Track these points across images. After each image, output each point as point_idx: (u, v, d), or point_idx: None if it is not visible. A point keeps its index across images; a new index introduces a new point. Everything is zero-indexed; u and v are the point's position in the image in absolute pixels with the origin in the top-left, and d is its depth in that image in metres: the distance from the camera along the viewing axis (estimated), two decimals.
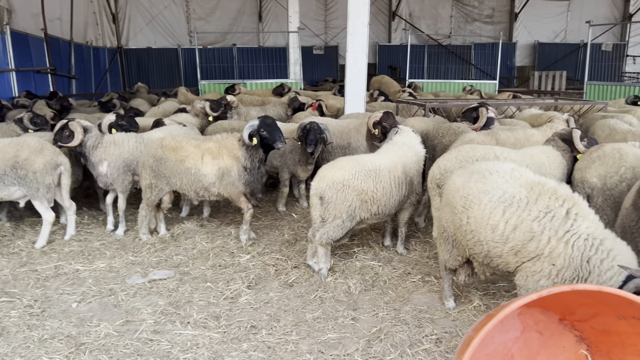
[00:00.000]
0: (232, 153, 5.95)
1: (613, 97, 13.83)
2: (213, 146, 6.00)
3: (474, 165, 4.21)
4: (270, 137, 5.89)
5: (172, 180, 6.07)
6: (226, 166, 5.91)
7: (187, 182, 6.02)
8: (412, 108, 10.10)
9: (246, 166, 5.93)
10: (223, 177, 5.93)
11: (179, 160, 5.97)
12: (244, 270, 5.46)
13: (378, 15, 23.66)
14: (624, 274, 3.20)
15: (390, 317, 4.51)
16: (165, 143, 6.07)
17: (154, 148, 6.09)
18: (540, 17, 24.48)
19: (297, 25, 15.13)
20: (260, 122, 5.92)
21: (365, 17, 8.66)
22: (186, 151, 5.99)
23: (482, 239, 3.81)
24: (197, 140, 6.15)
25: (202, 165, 5.92)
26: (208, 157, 5.94)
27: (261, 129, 5.84)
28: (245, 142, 5.85)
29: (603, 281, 3.28)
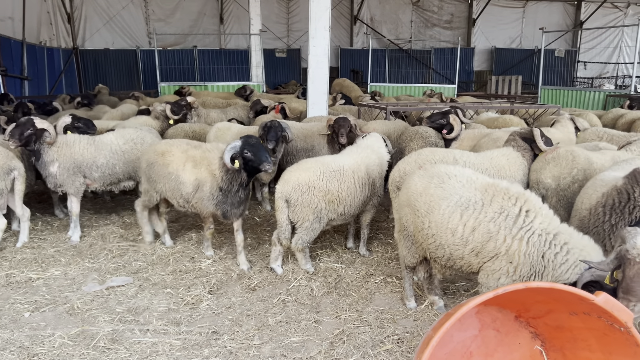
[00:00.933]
0: (210, 167, 5.40)
1: (566, 101, 14.37)
2: (198, 154, 5.55)
3: (433, 169, 4.29)
4: (255, 158, 5.20)
5: (158, 185, 5.73)
6: (202, 179, 5.43)
7: (169, 189, 5.64)
8: (373, 111, 10.21)
9: (222, 187, 5.34)
10: (198, 190, 5.48)
11: (164, 164, 5.64)
12: (205, 275, 5.38)
13: (340, 19, 23.84)
14: (582, 266, 3.29)
15: (352, 318, 4.53)
16: (157, 147, 5.81)
17: (148, 152, 5.87)
18: (496, 23, 25.22)
19: (259, 28, 15.05)
20: (243, 142, 5.23)
21: (327, 20, 8.71)
22: (172, 155, 5.63)
23: (444, 243, 3.90)
24: (188, 146, 5.72)
25: (182, 172, 5.51)
26: (189, 164, 5.51)
27: (244, 150, 5.18)
28: (226, 165, 5.17)
29: (558, 274, 3.38)
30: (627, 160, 5.36)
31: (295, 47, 23.24)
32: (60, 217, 7.30)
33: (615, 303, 2.59)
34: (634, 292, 2.59)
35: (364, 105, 10.55)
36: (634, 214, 4.12)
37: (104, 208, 7.85)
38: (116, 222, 7.11)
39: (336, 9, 22.96)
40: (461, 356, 3.19)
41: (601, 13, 25.09)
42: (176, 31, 20.91)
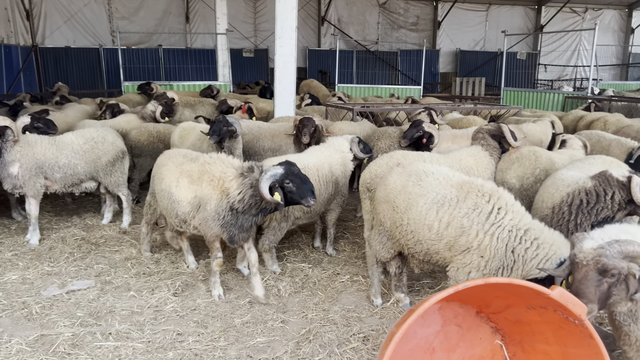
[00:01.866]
0: (216, 182, 4.57)
1: (527, 102, 14.76)
2: (195, 169, 4.76)
3: (411, 167, 4.37)
4: (297, 190, 4.39)
5: (157, 201, 5.17)
6: (204, 196, 4.60)
7: (164, 207, 5.00)
8: (340, 112, 10.26)
9: (236, 208, 4.48)
10: (199, 209, 4.67)
11: (160, 178, 5.02)
12: (170, 277, 5.30)
13: (307, 20, 23.85)
14: (552, 261, 3.41)
15: (319, 317, 4.55)
16: (159, 158, 5.26)
17: (156, 162, 5.34)
18: (461, 26, 25.70)
19: (226, 27, 14.91)
20: (285, 170, 4.40)
21: (293, 21, 8.71)
22: (167, 169, 4.96)
23: (421, 239, 4.00)
24: (184, 159, 4.98)
25: (175, 189, 4.78)
26: (184, 180, 4.76)
27: (285, 180, 4.37)
28: (265, 198, 4.33)
29: (529, 269, 3.49)
30: (581, 160, 5.56)
31: (263, 47, 23.13)
32: (18, 220, 7.07)
33: (570, 297, 2.68)
34: (583, 294, 2.66)
35: (331, 106, 10.59)
36: (601, 215, 4.28)
37: (65, 210, 7.63)
38: (77, 224, 6.93)
39: (303, 10, 22.96)
40: (424, 352, 3.24)
41: (560, 17, 25.88)
42: (140, 30, 20.49)
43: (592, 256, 2.62)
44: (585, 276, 2.64)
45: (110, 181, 6.71)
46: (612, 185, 4.23)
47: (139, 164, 7.85)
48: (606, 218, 4.29)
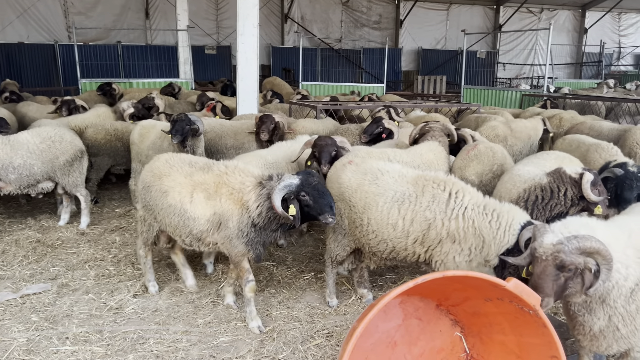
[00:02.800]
0: (236, 195, 4.09)
1: (486, 99, 15.11)
2: (210, 180, 4.22)
3: (365, 164, 4.39)
4: (315, 205, 3.90)
5: (158, 216, 4.51)
6: (225, 212, 4.11)
7: (171, 224, 4.36)
8: (304, 110, 10.26)
9: (257, 223, 4.06)
10: (220, 227, 4.17)
11: (162, 192, 4.36)
12: (130, 279, 5.19)
13: (270, 17, 23.69)
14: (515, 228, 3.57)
15: (283, 315, 4.55)
16: (153, 166, 4.58)
17: (145, 171, 4.70)
18: (422, 24, 26.05)
19: (187, 24, 14.66)
20: (302, 181, 3.93)
21: (255, 18, 8.65)
22: (173, 181, 4.33)
23: (386, 238, 4.04)
24: (192, 168, 4.39)
25: (190, 205, 4.20)
26: (200, 195, 4.20)
27: (302, 193, 3.90)
28: (277, 211, 3.87)
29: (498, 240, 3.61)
30: (536, 155, 5.75)
31: (225, 44, 22.84)
32: None
33: (524, 288, 2.77)
34: (541, 288, 2.73)
35: (295, 104, 10.58)
36: (555, 210, 4.44)
37: (19, 212, 7.36)
38: (32, 226, 6.69)
39: (266, 7, 22.80)
40: (386, 346, 3.28)
41: (518, 17, 26.57)
42: (98, 25, 19.89)
43: (551, 252, 2.68)
44: (544, 271, 2.70)
45: (68, 181, 6.50)
46: (565, 182, 4.40)
47: (97, 163, 7.64)
48: (560, 214, 4.45)
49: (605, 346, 2.97)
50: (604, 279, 2.68)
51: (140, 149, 7.02)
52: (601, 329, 2.93)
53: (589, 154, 6.13)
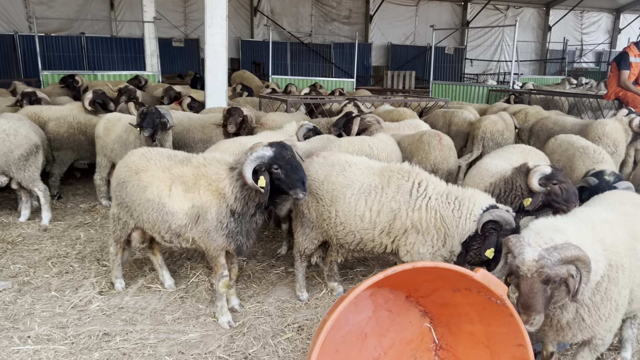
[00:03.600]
0: (213, 186, 4.00)
1: (454, 95, 15.33)
2: (189, 173, 4.12)
3: (332, 157, 4.39)
4: (287, 179, 3.84)
5: (134, 212, 4.36)
6: (203, 205, 4.01)
7: (150, 220, 4.24)
8: (275, 103, 10.19)
9: (235, 209, 3.97)
10: (198, 220, 4.07)
11: (140, 187, 4.23)
12: (95, 275, 5.05)
13: (240, 10, 23.43)
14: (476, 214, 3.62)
15: (253, 310, 4.51)
16: (129, 161, 4.41)
17: (119, 167, 4.53)
18: (392, 20, 26.22)
19: (153, 15, 14.33)
20: (275, 153, 3.86)
21: (224, 10, 8.52)
22: (151, 176, 4.21)
23: (354, 229, 4.06)
24: (171, 161, 4.28)
25: (168, 199, 4.10)
26: (178, 188, 4.10)
27: (274, 165, 3.84)
28: (246, 182, 3.82)
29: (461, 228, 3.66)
30: (503, 149, 5.86)
31: (194, 36, 22.47)
32: None
33: (491, 278, 2.81)
34: (532, 306, 2.70)
35: (265, 97, 10.49)
36: (514, 203, 4.53)
37: None
38: None
39: (235, 0, 22.55)
40: (356, 338, 3.29)
41: (485, 14, 27.04)
42: (60, 16, 19.26)
43: (536, 268, 2.65)
44: (532, 289, 2.67)
45: (24, 176, 6.25)
46: (521, 173, 4.50)
47: (59, 157, 7.41)
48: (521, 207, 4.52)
49: (570, 336, 3.04)
50: (585, 282, 2.70)
51: (106, 142, 6.84)
52: (568, 321, 3.00)
53: (574, 159, 5.88)
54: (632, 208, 3.43)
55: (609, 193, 4.02)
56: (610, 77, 9.31)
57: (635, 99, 8.66)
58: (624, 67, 8.79)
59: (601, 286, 2.90)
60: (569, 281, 2.70)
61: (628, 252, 3.02)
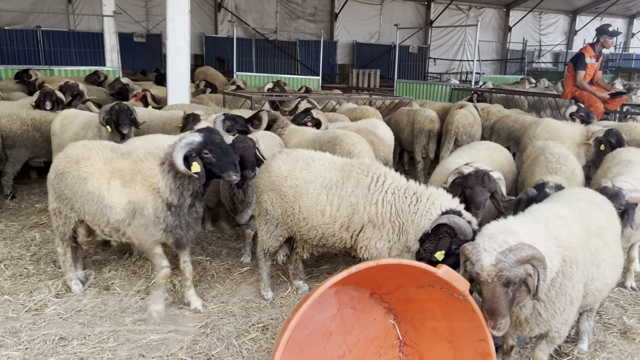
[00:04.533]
0: (148, 181, 3.97)
1: (418, 93, 15.50)
2: (127, 167, 4.07)
3: (296, 152, 4.37)
4: (218, 162, 3.91)
5: (75, 204, 4.26)
6: (139, 200, 3.97)
7: (90, 212, 4.16)
8: (239, 100, 10.07)
9: (171, 202, 3.95)
10: (135, 216, 4.03)
11: (81, 178, 4.14)
12: (51, 278, 4.87)
13: (203, 5, 23.06)
14: (433, 213, 3.61)
15: (217, 310, 4.44)
16: (70, 151, 4.32)
17: (58, 158, 4.41)
18: (357, 18, 26.32)
19: (113, 9, 13.90)
20: (204, 138, 3.91)
21: (186, 4, 8.35)
22: (92, 166, 4.14)
23: (315, 224, 4.05)
24: (114, 153, 4.23)
25: (107, 192, 4.05)
26: (117, 182, 4.05)
27: (204, 150, 3.90)
28: (178, 169, 3.83)
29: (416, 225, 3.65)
30: (470, 145, 5.94)
31: (156, 32, 21.96)
32: None
33: (453, 274, 2.84)
34: (498, 311, 2.72)
35: (229, 94, 10.36)
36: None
37: None
38: None
39: None
40: (321, 336, 3.27)
41: (447, 14, 27.45)
42: (14, 8, 18.49)
43: (495, 272, 2.67)
44: (494, 293, 2.70)
45: None
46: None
47: (12, 155, 7.11)
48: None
49: (528, 330, 3.11)
50: (544, 279, 2.75)
51: (62, 140, 6.60)
52: (526, 317, 3.06)
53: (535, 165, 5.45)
54: (587, 204, 3.53)
55: (567, 190, 4.13)
56: (567, 77, 9.58)
57: (591, 99, 8.94)
58: (580, 67, 9.06)
59: (556, 281, 2.97)
60: (528, 281, 2.74)
61: (582, 247, 3.11)
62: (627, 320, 4.42)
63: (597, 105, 8.86)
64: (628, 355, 3.95)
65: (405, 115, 8.94)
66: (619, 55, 29.51)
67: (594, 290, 3.29)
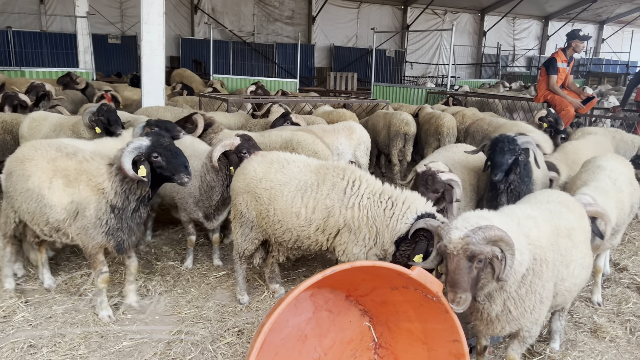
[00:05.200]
0: (93, 181, 3.94)
1: (395, 96, 15.63)
2: (72, 166, 4.04)
3: (271, 155, 4.36)
4: (168, 165, 3.89)
5: (16, 203, 4.23)
6: (82, 200, 3.94)
7: (29, 211, 4.12)
8: (215, 103, 10.00)
9: (115, 204, 3.93)
10: (77, 216, 3.99)
11: (24, 176, 4.11)
12: (20, 283, 4.74)
13: (179, 7, 22.89)
14: (409, 216, 3.63)
15: (192, 315, 4.38)
16: (17, 151, 4.33)
17: (9, 158, 4.39)
18: (334, 22, 26.44)
19: (86, 10, 13.70)
20: (153, 141, 3.89)
21: (160, 6, 8.26)
22: (35, 165, 4.10)
23: (290, 227, 4.03)
24: (59, 153, 4.18)
25: (47, 191, 4.00)
26: (59, 180, 4.01)
27: (153, 154, 3.87)
28: (127, 174, 3.80)
29: (392, 228, 3.66)
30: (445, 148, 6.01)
31: (131, 33, 21.71)
32: None
33: (427, 275, 2.86)
34: (458, 283, 2.75)
35: (205, 96, 10.28)
36: None
37: None
38: None
39: None
40: (297, 340, 3.26)
41: (424, 18, 27.81)
42: None
43: (461, 245, 2.73)
44: (458, 265, 2.74)
45: None
46: None
47: None
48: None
49: (499, 329, 3.15)
50: (510, 264, 2.80)
51: None
52: (497, 314, 3.10)
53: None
54: (557, 206, 3.59)
55: (538, 192, 4.20)
56: (539, 81, 9.77)
57: (562, 102, 9.14)
58: (552, 72, 9.25)
59: (526, 279, 3.02)
60: (494, 262, 2.80)
61: (551, 247, 3.17)
62: (597, 319, 4.51)
63: (568, 109, 9.06)
64: (598, 353, 4.03)
65: (382, 119, 9.00)
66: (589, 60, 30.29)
67: (563, 290, 3.35)
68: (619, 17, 31.78)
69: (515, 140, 4.76)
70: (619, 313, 4.65)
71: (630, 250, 6.19)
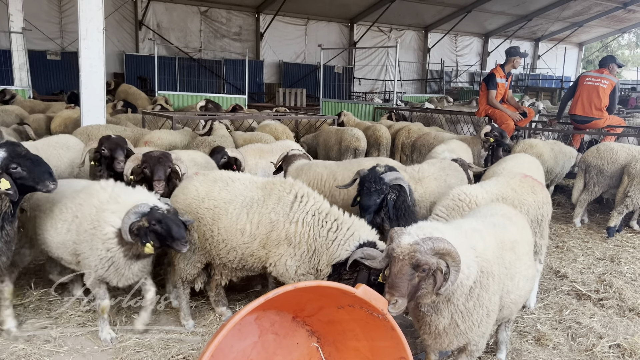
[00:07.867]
0: None
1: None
2: None
3: (213, 174, 4.27)
4: (30, 175, 3.66)
5: None
6: None
7: None
8: (159, 120, 9.75)
9: None
10: None
11: None
12: None
13: (123, 23, 22.32)
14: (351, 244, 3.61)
15: (133, 344, 4.17)
16: None
17: None
18: (282, 38, 26.55)
19: (22, 26, 13.13)
20: (8, 151, 3.64)
21: (100, 22, 8.02)
22: None
23: (235, 245, 3.93)
24: None
25: None
26: None
27: (12, 165, 3.60)
28: None
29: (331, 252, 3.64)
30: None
31: (72, 49, 20.92)
32: None
33: (372, 293, 2.83)
34: (397, 287, 2.76)
35: (149, 114, 10.02)
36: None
37: None
38: None
39: (118, 12, 21.46)
40: None
41: (370, 35, 28.38)
42: None
43: (408, 251, 2.74)
44: (401, 270, 2.75)
45: None
46: None
47: None
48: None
49: (447, 343, 3.16)
50: (452, 280, 2.81)
51: None
52: (444, 327, 3.10)
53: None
54: (501, 219, 3.66)
55: (482, 206, 4.27)
56: (480, 96, 10.13)
57: (502, 116, 9.49)
58: (492, 87, 9.61)
59: (474, 292, 3.05)
60: (437, 275, 2.81)
61: (497, 260, 3.22)
62: (540, 327, 4.63)
63: (508, 122, 9.41)
64: None
65: (333, 134, 9.08)
66: (527, 75, 31.78)
67: (509, 302, 3.40)
68: (553, 34, 33.64)
69: (382, 180, 4.51)
70: (561, 320, 4.79)
71: (569, 257, 6.43)
